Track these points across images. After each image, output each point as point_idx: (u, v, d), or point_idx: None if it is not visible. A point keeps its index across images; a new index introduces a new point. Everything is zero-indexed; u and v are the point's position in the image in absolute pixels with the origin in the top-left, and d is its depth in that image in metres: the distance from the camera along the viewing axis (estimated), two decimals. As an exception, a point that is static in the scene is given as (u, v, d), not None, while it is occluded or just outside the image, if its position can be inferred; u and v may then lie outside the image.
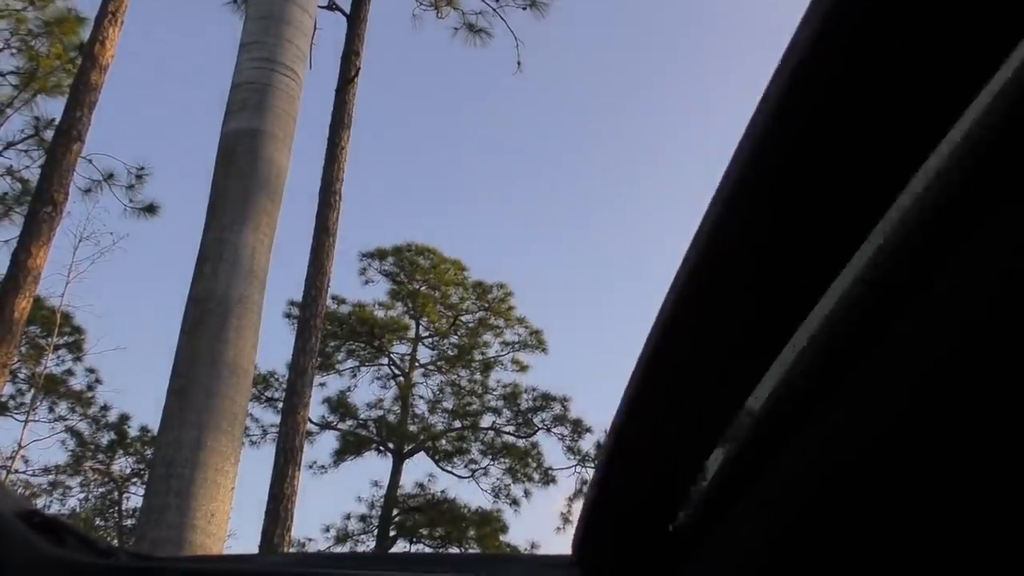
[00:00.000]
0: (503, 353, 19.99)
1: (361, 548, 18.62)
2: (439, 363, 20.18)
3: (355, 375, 19.68)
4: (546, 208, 32.74)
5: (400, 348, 20.14)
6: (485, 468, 19.02)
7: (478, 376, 19.96)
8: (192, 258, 5.86)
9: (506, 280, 20.33)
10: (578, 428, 18.70)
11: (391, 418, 19.35)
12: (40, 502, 19.27)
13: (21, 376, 18.78)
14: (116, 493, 20.43)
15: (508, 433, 19.37)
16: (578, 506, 17.07)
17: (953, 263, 0.42)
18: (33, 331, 18.13)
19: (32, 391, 18.96)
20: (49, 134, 12.42)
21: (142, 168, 13.84)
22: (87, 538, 1.09)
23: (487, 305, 20.03)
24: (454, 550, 18.01)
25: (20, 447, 18.83)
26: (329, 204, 8.56)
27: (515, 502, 18.75)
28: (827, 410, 0.51)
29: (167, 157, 34.59)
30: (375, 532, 18.59)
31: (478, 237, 31.34)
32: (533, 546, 18.39)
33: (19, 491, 18.48)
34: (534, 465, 18.97)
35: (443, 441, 19.33)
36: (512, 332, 20.01)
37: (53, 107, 13.92)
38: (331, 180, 8.66)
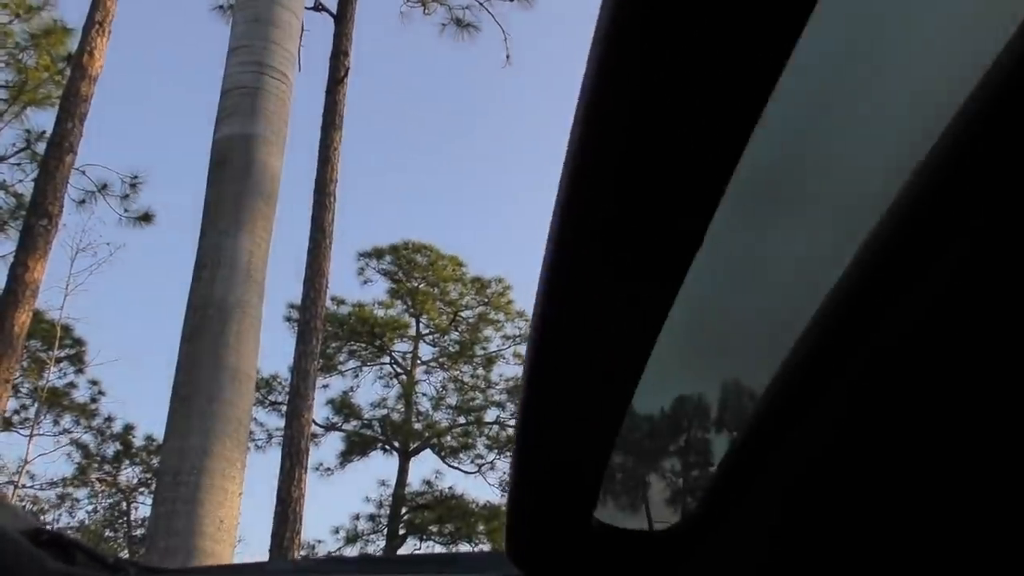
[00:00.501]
0: (504, 347, 20.01)
1: (371, 548, 18.67)
2: (441, 360, 20.19)
3: (357, 375, 19.70)
4: (542, 200, 32.70)
5: (401, 346, 20.16)
6: (492, 463, 19.05)
7: (481, 371, 19.97)
8: (190, 265, 5.86)
9: (506, 273, 20.37)
10: (582, 419, 18.70)
11: (395, 417, 19.36)
12: (49, 516, 19.30)
13: (24, 391, 18.79)
14: (124, 503, 20.45)
15: (513, 427, 19.35)
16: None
17: (953, 248, 0.41)
18: (34, 345, 18.12)
19: (36, 405, 18.97)
20: (41, 147, 12.39)
21: (136, 177, 13.83)
22: (96, 553, 1.09)
23: (486, 300, 20.03)
24: (464, 546, 18.04)
25: (26, 462, 18.85)
26: (324, 205, 8.55)
27: (523, 495, 18.78)
28: (827, 401, 0.51)
29: (162, 165, 34.56)
30: (384, 531, 18.61)
31: (477, 232, 31.35)
32: (543, 538, 18.39)
33: (26, 508, 18.49)
34: (540, 458, 18.98)
35: (448, 437, 19.34)
36: (513, 326, 20.03)
37: (44, 119, 13.91)
38: (325, 181, 8.65)
